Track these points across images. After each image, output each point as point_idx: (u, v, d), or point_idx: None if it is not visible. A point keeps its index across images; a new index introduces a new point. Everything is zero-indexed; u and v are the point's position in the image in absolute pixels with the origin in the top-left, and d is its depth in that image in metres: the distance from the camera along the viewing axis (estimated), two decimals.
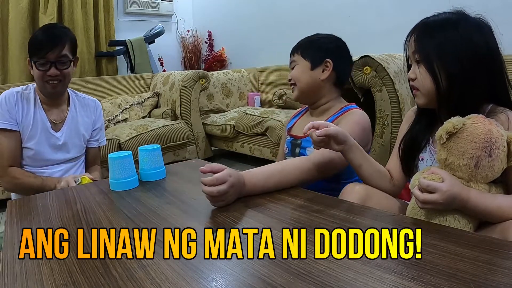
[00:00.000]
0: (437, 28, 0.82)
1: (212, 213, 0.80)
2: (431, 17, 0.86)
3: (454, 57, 0.79)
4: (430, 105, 0.86)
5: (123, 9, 4.19)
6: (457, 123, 0.73)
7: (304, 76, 1.16)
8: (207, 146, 3.21)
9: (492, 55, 0.80)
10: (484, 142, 0.71)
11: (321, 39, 1.19)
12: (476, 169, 0.72)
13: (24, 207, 0.92)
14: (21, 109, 1.34)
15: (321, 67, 1.15)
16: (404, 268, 0.52)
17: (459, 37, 0.79)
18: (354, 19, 2.98)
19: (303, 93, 1.18)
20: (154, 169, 1.07)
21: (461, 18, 0.82)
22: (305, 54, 1.17)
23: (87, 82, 3.20)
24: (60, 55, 1.29)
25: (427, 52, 0.82)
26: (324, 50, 1.16)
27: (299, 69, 1.17)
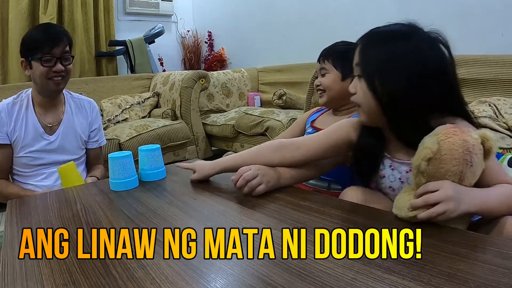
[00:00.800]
0: (382, 41, 0.78)
1: (212, 213, 0.80)
2: (380, 28, 0.81)
3: (397, 73, 0.74)
4: (372, 122, 0.81)
5: (123, 9, 4.19)
6: (433, 146, 0.68)
7: (335, 86, 1.22)
8: (207, 146, 3.21)
9: (443, 70, 0.75)
10: (464, 155, 0.67)
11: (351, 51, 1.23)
12: (462, 182, 0.69)
13: (24, 207, 0.92)
14: (13, 121, 1.34)
15: (350, 78, 1.19)
16: (404, 268, 0.52)
17: (404, 51, 0.74)
18: (354, 19, 2.98)
19: (332, 100, 1.24)
20: (154, 169, 1.07)
21: (411, 32, 0.77)
22: (336, 64, 1.22)
23: (87, 82, 3.21)
24: (64, 50, 1.31)
25: (369, 66, 0.78)
26: None
27: (331, 78, 1.22)
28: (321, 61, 1.25)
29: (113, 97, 3.19)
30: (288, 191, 0.90)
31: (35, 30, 1.33)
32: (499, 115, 1.86)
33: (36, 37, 1.29)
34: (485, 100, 1.97)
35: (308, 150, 0.93)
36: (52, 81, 1.31)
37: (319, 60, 1.27)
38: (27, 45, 1.30)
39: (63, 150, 1.43)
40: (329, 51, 1.26)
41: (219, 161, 1.00)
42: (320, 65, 1.26)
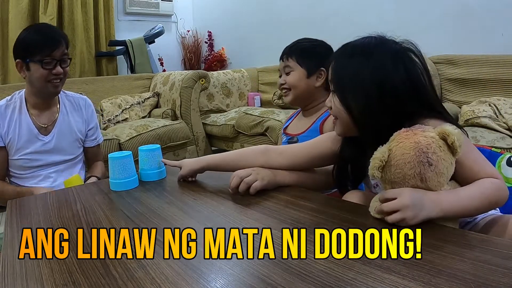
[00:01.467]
0: (354, 55, 0.79)
1: (212, 213, 0.80)
2: (350, 43, 0.82)
3: (366, 87, 0.75)
4: (349, 134, 0.83)
5: (123, 9, 4.19)
6: (382, 155, 0.69)
7: (300, 83, 1.21)
8: (207, 146, 3.21)
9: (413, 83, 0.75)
10: (416, 157, 0.66)
11: (316, 48, 1.23)
12: (425, 183, 0.68)
13: (24, 207, 0.92)
14: (7, 124, 1.33)
15: (315, 75, 1.21)
16: (404, 268, 0.52)
17: (374, 65, 0.75)
18: (354, 19, 2.98)
19: (298, 98, 1.23)
20: (154, 169, 1.07)
21: (377, 46, 0.78)
22: (301, 61, 1.20)
23: (87, 82, 3.21)
24: (64, 53, 1.30)
25: (340, 82, 0.80)
26: (319, 58, 1.19)
27: (296, 76, 1.21)
28: (285, 59, 1.24)
29: (113, 97, 3.19)
30: (288, 191, 0.90)
31: (32, 31, 1.30)
32: (499, 115, 1.86)
33: (35, 39, 1.26)
34: (485, 100, 1.97)
35: (292, 156, 0.95)
36: (51, 84, 1.30)
37: (282, 58, 1.25)
38: (25, 47, 1.27)
39: (59, 150, 1.42)
40: (292, 48, 1.24)
41: (204, 157, 1.03)
42: (283, 63, 1.24)
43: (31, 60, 1.26)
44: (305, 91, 1.21)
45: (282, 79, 1.26)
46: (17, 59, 1.30)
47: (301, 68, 1.21)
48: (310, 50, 1.22)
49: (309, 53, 1.22)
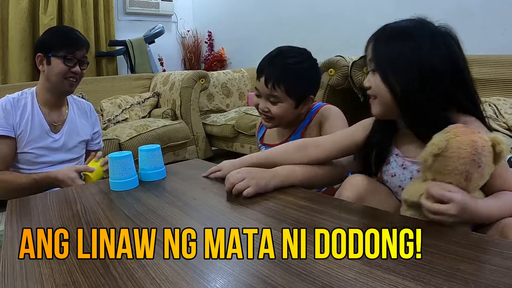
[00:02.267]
0: (394, 36, 0.80)
1: (212, 213, 0.80)
2: (391, 24, 0.83)
3: (408, 68, 0.76)
4: (387, 115, 0.84)
5: (123, 9, 4.20)
6: (440, 143, 0.69)
7: (288, 115, 1.11)
8: (207, 146, 3.21)
9: (454, 65, 0.77)
10: (471, 155, 0.68)
11: (308, 70, 1.10)
12: (468, 182, 0.70)
13: (24, 207, 0.92)
14: (19, 116, 1.34)
15: (303, 103, 1.12)
16: (404, 268, 0.52)
17: (415, 46, 0.76)
18: (354, 19, 2.98)
19: (280, 125, 1.16)
20: (154, 169, 1.07)
21: (417, 29, 0.79)
22: (290, 92, 1.06)
23: (87, 82, 3.20)
24: (84, 55, 1.37)
25: (382, 62, 0.80)
26: (309, 85, 1.12)
27: (283, 108, 1.08)
28: (271, 87, 1.06)
29: (113, 97, 3.19)
30: (288, 191, 0.90)
31: (61, 29, 1.41)
32: (499, 115, 1.86)
33: (64, 36, 1.33)
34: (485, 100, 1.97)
35: (329, 148, 0.96)
36: (68, 81, 1.34)
37: (267, 84, 1.07)
38: (53, 41, 1.32)
39: (66, 149, 1.44)
40: (281, 74, 1.05)
41: (244, 158, 1.00)
42: (269, 90, 1.07)
43: (54, 54, 1.31)
44: (290, 119, 1.13)
45: (264, 106, 1.10)
46: (39, 52, 1.33)
47: (291, 100, 1.07)
48: (301, 76, 1.07)
49: (299, 80, 1.07)
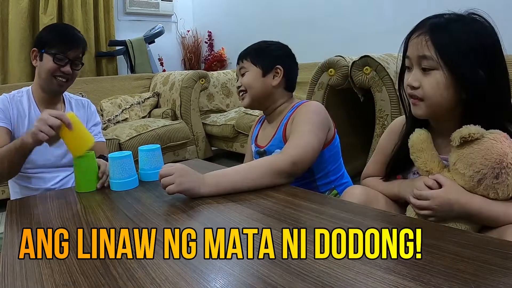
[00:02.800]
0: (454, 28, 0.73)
1: (212, 213, 0.80)
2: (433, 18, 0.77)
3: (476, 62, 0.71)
4: (432, 116, 0.79)
5: (123, 9, 4.20)
6: (475, 132, 0.69)
7: (256, 83, 1.16)
8: (207, 146, 3.21)
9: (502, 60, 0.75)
10: (494, 163, 0.68)
11: (270, 46, 1.20)
12: (479, 185, 0.70)
13: (24, 207, 0.92)
14: (16, 113, 1.33)
15: (271, 74, 1.16)
16: (404, 268, 0.52)
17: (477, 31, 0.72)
18: (354, 19, 2.98)
19: (254, 99, 1.17)
20: (154, 169, 1.06)
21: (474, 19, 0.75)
22: (255, 61, 1.16)
23: (87, 82, 3.21)
24: (78, 56, 1.33)
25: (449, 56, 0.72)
26: (274, 57, 1.17)
27: (251, 76, 1.16)
28: (240, 62, 1.20)
29: (113, 97, 3.19)
30: (288, 191, 0.90)
31: (59, 27, 1.37)
32: None
33: (58, 34, 1.31)
34: None
35: None
36: (56, 80, 1.32)
37: (238, 62, 1.21)
38: (47, 37, 1.31)
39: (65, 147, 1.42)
40: (246, 50, 1.21)
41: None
42: (239, 66, 1.20)
43: (47, 51, 1.29)
44: (261, 91, 1.16)
45: (238, 82, 1.21)
46: (35, 47, 1.32)
47: (256, 67, 1.16)
48: (264, 49, 1.19)
49: (263, 52, 1.18)
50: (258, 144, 1.24)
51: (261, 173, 0.91)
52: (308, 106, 1.12)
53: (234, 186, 0.89)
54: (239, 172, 0.91)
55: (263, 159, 0.98)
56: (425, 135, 0.79)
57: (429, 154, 0.77)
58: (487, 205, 0.70)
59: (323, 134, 1.06)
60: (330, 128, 1.12)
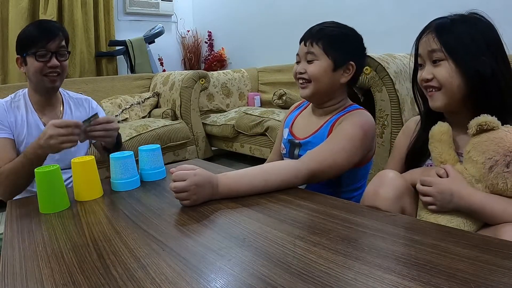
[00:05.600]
0: (457, 23, 0.80)
1: (212, 213, 0.80)
2: (444, 17, 0.84)
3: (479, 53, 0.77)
4: (448, 107, 0.82)
5: (123, 9, 4.20)
6: (492, 121, 0.73)
7: (324, 77, 1.01)
8: (207, 146, 3.21)
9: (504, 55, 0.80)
10: (507, 151, 0.70)
11: (348, 36, 1.05)
12: (490, 172, 0.72)
13: (24, 207, 0.92)
14: (14, 119, 1.29)
15: (342, 69, 1.02)
16: (404, 268, 0.52)
17: (483, 29, 0.79)
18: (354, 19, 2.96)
19: (317, 93, 1.03)
20: (154, 169, 1.07)
21: (476, 17, 0.81)
22: (329, 50, 1.00)
23: (87, 82, 3.21)
24: (60, 45, 1.26)
25: (454, 49, 0.79)
26: (349, 50, 1.03)
27: (320, 67, 1.01)
28: (308, 44, 1.02)
29: (113, 97, 3.19)
30: (288, 191, 0.90)
31: (30, 26, 1.28)
32: None
33: (30, 32, 1.24)
34: None
35: None
36: (48, 78, 1.26)
37: (305, 42, 1.03)
38: (22, 41, 1.25)
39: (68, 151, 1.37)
40: (319, 33, 1.02)
41: None
42: (306, 48, 1.02)
43: (27, 53, 1.23)
44: (327, 87, 1.02)
45: (301, 67, 1.03)
46: (17, 55, 1.27)
47: (328, 58, 1.00)
48: (341, 39, 1.02)
49: (339, 42, 1.02)
50: (293, 132, 1.13)
51: (275, 186, 0.88)
52: (360, 116, 1.01)
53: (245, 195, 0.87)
54: (252, 183, 0.86)
55: (279, 168, 0.91)
56: (446, 127, 0.81)
57: (446, 146, 0.80)
58: (488, 201, 0.72)
59: (359, 155, 0.97)
60: (371, 150, 1.04)
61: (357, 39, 1.06)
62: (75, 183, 0.94)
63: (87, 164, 0.93)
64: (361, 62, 1.07)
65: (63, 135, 1.04)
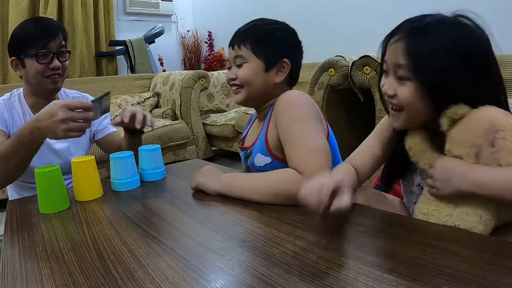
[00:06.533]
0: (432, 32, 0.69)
1: (212, 213, 0.80)
2: (419, 20, 0.73)
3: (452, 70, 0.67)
4: (411, 127, 0.75)
5: (123, 9, 4.20)
6: (461, 110, 0.66)
7: (256, 79, 0.94)
8: (207, 146, 3.21)
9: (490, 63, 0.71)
10: (485, 129, 0.62)
11: (277, 32, 0.97)
12: (477, 159, 0.64)
13: (24, 207, 0.92)
14: (11, 118, 1.23)
15: (276, 68, 0.95)
16: (404, 268, 0.52)
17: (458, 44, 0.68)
18: (354, 19, 2.98)
19: (251, 97, 0.97)
20: (154, 169, 1.06)
21: (458, 21, 0.71)
22: (258, 51, 0.94)
23: (87, 82, 3.21)
24: (61, 45, 1.20)
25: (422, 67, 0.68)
26: (281, 48, 0.96)
27: (251, 69, 0.94)
28: (236, 47, 0.97)
29: (113, 97, 3.19)
30: None
31: (26, 24, 1.20)
32: None
33: (28, 31, 1.16)
34: None
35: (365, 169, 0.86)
36: (50, 79, 1.20)
37: (232, 45, 0.98)
38: (19, 41, 1.17)
39: (68, 151, 1.34)
40: (246, 33, 0.97)
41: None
42: (234, 52, 0.97)
43: (26, 55, 1.16)
44: (261, 89, 0.95)
45: (231, 73, 0.97)
46: (12, 56, 1.19)
47: (258, 59, 0.94)
48: (269, 36, 0.95)
49: (268, 39, 0.95)
50: (244, 146, 1.06)
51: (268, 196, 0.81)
52: (289, 99, 0.91)
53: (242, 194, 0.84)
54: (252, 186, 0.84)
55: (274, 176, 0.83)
56: (419, 137, 0.74)
57: (428, 153, 0.73)
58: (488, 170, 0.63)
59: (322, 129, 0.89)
60: (321, 120, 0.93)
61: (287, 34, 0.99)
62: (75, 183, 0.94)
63: (87, 164, 0.93)
64: (296, 58, 0.99)
65: (76, 120, 0.90)
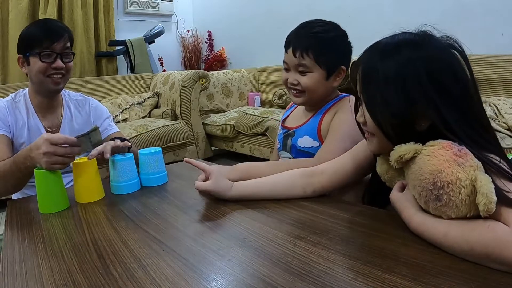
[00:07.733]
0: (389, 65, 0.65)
1: (212, 213, 0.80)
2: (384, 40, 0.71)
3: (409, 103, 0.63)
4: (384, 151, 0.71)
5: (123, 9, 4.19)
6: (405, 153, 0.61)
7: (319, 87, 1.00)
8: (207, 146, 3.21)
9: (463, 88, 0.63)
10: (429, 184, 0.58)
11: (336, 40, 1.01)
12: (427, 207, 0.61)
13: (24, 207, 0.92)
14: (15, 120, 1.26)
15: (334, 75, 1.01)
16: (404, 268, 0.52)
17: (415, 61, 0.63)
18: (354, 19, 2.98)
19: (310, 102, 1.04)
20: (155, 173, 1.03)
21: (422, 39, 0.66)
22: (320, 60, 0.98)
23: (87, 82, 3.21)
24: (65, 46, 1.23)
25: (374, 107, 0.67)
26: (340, 55, 1.01)
27: (314, 79, 0.99)
28: (299, 56, 0.98)
29: (113, 97, 3.19)
30: None
31: (34, 25, 1.25)
32: (499, 115, 1.86)
33: (35, 31, 1.21)
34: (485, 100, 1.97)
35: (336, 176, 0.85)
36: (51, 79, 1.22)
37: (294, 53, 0.99)
38: (25, 40, 1.22)
39: None
40: (308, 41, 0.98)
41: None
42: (297, 60, 0.99)
43: (31, 53, 1.20)
44: (322, 94, 1.02)
45: (293, 78, 1.01)
46: (19, 54, 1.24)
47: (321, 69, 0.98)
48: (330, 45, 0.99)
49: (329, 48, 0.98)
50: (286, 125, 1.13)
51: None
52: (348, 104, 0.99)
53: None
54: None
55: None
56: (387, 165, 0.71)
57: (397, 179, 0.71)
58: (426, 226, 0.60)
59: None
60: None
61: (343, 39, 1.03)
62: (76, 184, 0.93)
63: (88, 165, 0.93)
64: (349, 60, 1.02)
65: (59, 155, 0.91)
